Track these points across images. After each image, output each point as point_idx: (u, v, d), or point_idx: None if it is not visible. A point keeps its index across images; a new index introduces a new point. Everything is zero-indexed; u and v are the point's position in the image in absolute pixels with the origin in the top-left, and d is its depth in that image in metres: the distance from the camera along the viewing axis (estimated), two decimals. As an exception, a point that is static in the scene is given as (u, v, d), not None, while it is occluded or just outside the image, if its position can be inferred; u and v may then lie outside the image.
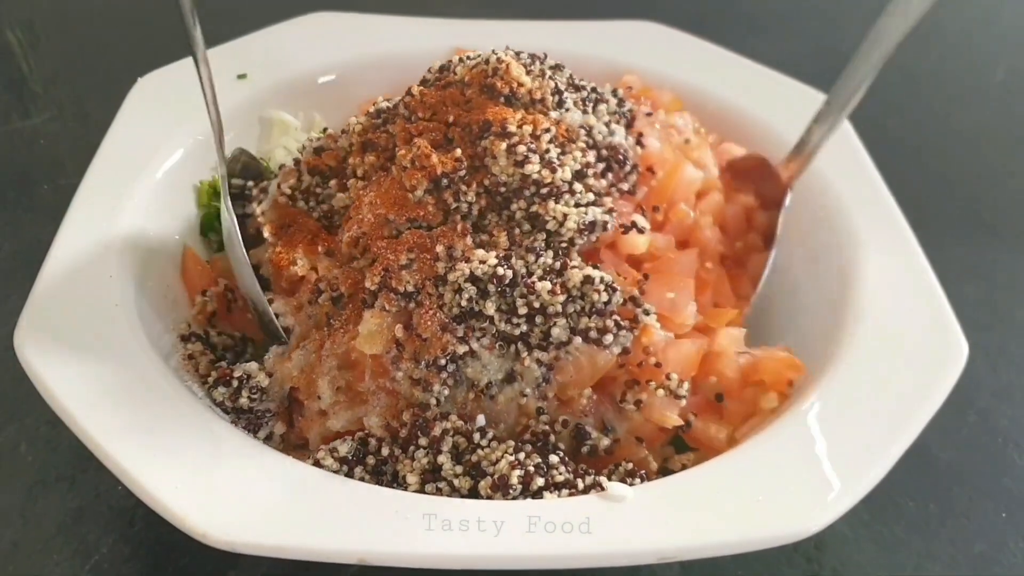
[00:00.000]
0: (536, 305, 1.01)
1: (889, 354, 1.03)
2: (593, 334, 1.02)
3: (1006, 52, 2.22)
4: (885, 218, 1.20)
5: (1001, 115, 1.99)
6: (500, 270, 1.00)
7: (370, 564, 0.83)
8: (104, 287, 1.04)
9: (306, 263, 1.11)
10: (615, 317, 1.03)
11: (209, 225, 1.27)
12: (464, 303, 1.00)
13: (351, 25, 1.52)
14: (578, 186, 1.08)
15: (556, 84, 1.16)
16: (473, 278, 1.00)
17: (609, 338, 1.02)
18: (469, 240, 1.04)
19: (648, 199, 1.19)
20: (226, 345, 1.14)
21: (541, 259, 1.04)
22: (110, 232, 1.10)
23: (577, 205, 1.08)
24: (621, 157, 1.16)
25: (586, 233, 1.06)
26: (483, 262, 1.01)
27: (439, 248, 1.02)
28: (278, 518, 0.83)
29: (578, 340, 1.02)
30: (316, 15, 1.53)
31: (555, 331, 1.01)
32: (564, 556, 0.83)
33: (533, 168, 1.05)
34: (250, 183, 1.27)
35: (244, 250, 1.13)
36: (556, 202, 1.06)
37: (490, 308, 1.00)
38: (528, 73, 1.16)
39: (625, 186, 1.16)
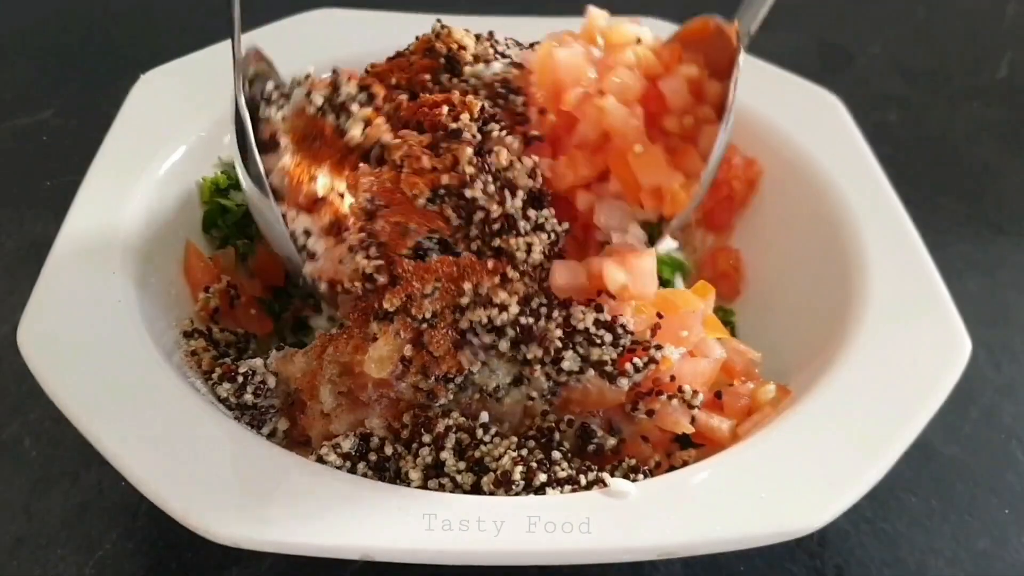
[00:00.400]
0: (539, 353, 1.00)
1: (892, 350, 1.03)
2: (608, 368, 0.99)
3: (1010, 47, 2.21)
4: (887, 213, 1.20)
5: (1005, 110, 1.98)
6: (523, 319, 0.98)
7: (373, 559, 0.83)
8: (107, 283, 1.04)
9: (329, 183, 1.05)
10: (635, 361, 1.00)
11: (211, 221, 1.27)
12: (477, 342, 0.99)
13: (355, 21, 1.52)
14: (532, 212, 1.02)
15: (498, 50, 1.15)
16: (492, 326, 0.98)
17: (624, 381, 1.00)
18: (497, 279, 0.99)
19: (532, 108, 1.10)
20: (229, 341, 1.14)
21: (553, 313, 1.00)
22: (113, 229, 1.10)
23: (538, 227, 1.02)
24: (500, 90, 1.10)
25: (553, 257, 1.04)
26: (505, 308, 0.97)
27: (466, 285, 0.98)
28: (281, 514, 0.83)
29: (591, 372, 1.00)
30: (320, 11, 1.52)
31: (565, 363, 0.99)
32: (566, 552, 0.84)
33: (477, 194, 0.99)
34: (270, 85, 1.14)
35: (268, 183, 1.04)
36: (517, 235, 1.00)
37: (504, 346, 0.99)
38: (477, 40, 1.15)
39: (534, 132, 1.09)
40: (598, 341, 0.98)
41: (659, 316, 1.05)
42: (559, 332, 0.98)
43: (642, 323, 1.03)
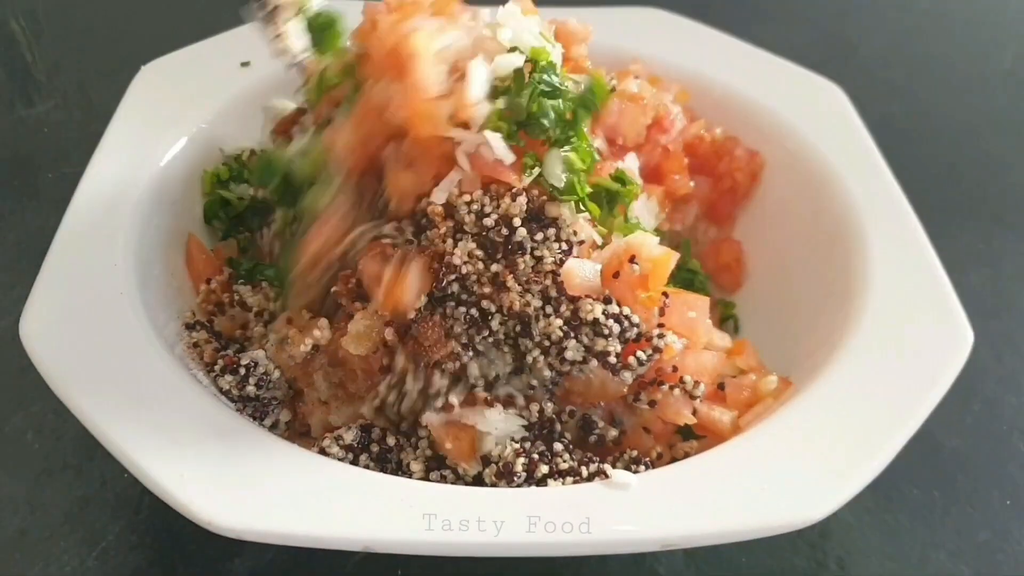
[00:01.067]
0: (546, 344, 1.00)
1: (894, 342, 1.02)
2: (612, 359, 0.98)
3: (1014, 39, 2.20)
4: (890, 205, 1.20)
5: (1008, 103, 1.97)
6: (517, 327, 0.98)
7: (376, 551, 0.83)
8: (109, 276, 1.04)
9: None
10: (638, 354, 0.99)
11: (213, 213, 1.27)
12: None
13: (354, 13, 1.51)
14: (539, 234, 0.99)
15: None
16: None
17: (627, 374, 1.00)
18: (487, 290, 0.99)
19: None
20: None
21: (562, 307, 0.99)
22: (114, 220, 1.10)
23: (547, 240, 0.99)
24: None
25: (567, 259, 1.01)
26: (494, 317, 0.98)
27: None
28: (284, 505, 0.83)
29: (594, 363, 0.99)
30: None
31: (568, 353, 0.99)
32: (568, 543, 0.83)
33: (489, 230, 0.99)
34: None
35: None
36: (523, 254, 0.99)
37: (506, 354, 0.99)
38: None
39: None
40: (605, 332, 0.98)
41: (665, 296, 1.03)
42: (559, 322, 0.98)
43: (648, 312, 1.02)
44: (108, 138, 1.21)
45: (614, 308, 0.99)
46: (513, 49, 1.03)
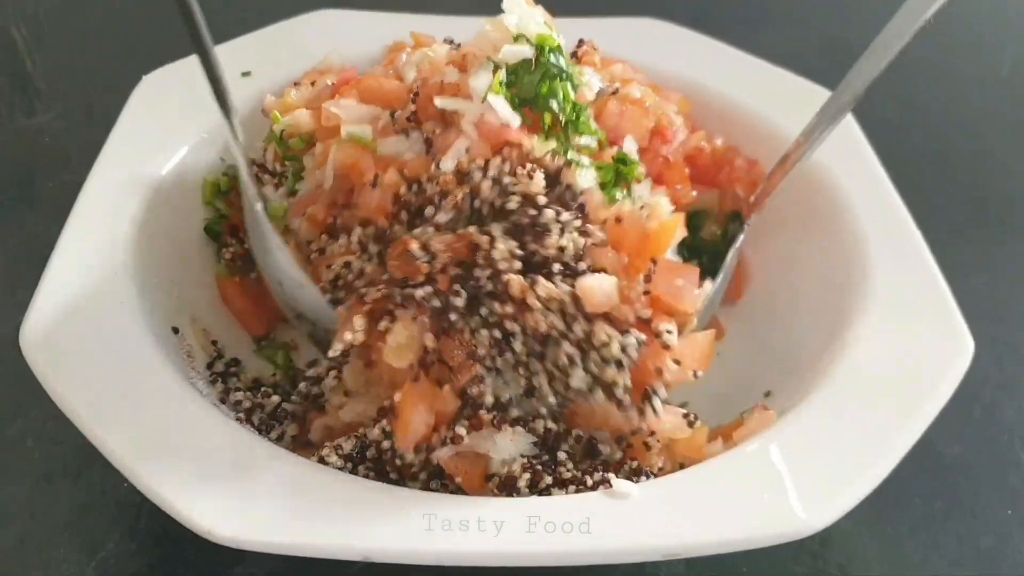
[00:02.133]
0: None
1: (894, 349, 1.02)
2: (619, 392, 0.97)
3: (1012, 44, 2.20)
4: (889, 212, 1.20)
5: (1007, 107, 1.98)
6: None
7: (375, 561, 0.83)
8: (109, 284, 1.04)
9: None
10: (654, 403, 0.98)
11: (213, 222, 1.28)
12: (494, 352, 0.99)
13: (355, 23, 1.52)
14: (566, 215, 0.98)
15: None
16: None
17: (635, 415, 0.99)
18: (509, 309, 0.98)
19: None
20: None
21: (576, 327, 0.97)
22: (115, 229, 1.10)
23: (565, 228, 0.99)
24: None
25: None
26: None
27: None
28: (283, 515, 0.83)
29: (600, 395, 0.98)
30: (321, 12, 1.52)
31: (573, 382, 0.98)
32: (569, 553, 0.84)
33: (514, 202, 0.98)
34: None
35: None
36: (548, 237, 0.97)
37: (520, 376, 0.99)
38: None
39: None
40: (605, 355, 0.96)
41: (653, 262, 1.01)
42: (569, 348, 0.96)
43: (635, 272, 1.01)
44: (109, 147, 1.21)
45: (629, 339, 0.97)
46: (519, 37, 1.04)
